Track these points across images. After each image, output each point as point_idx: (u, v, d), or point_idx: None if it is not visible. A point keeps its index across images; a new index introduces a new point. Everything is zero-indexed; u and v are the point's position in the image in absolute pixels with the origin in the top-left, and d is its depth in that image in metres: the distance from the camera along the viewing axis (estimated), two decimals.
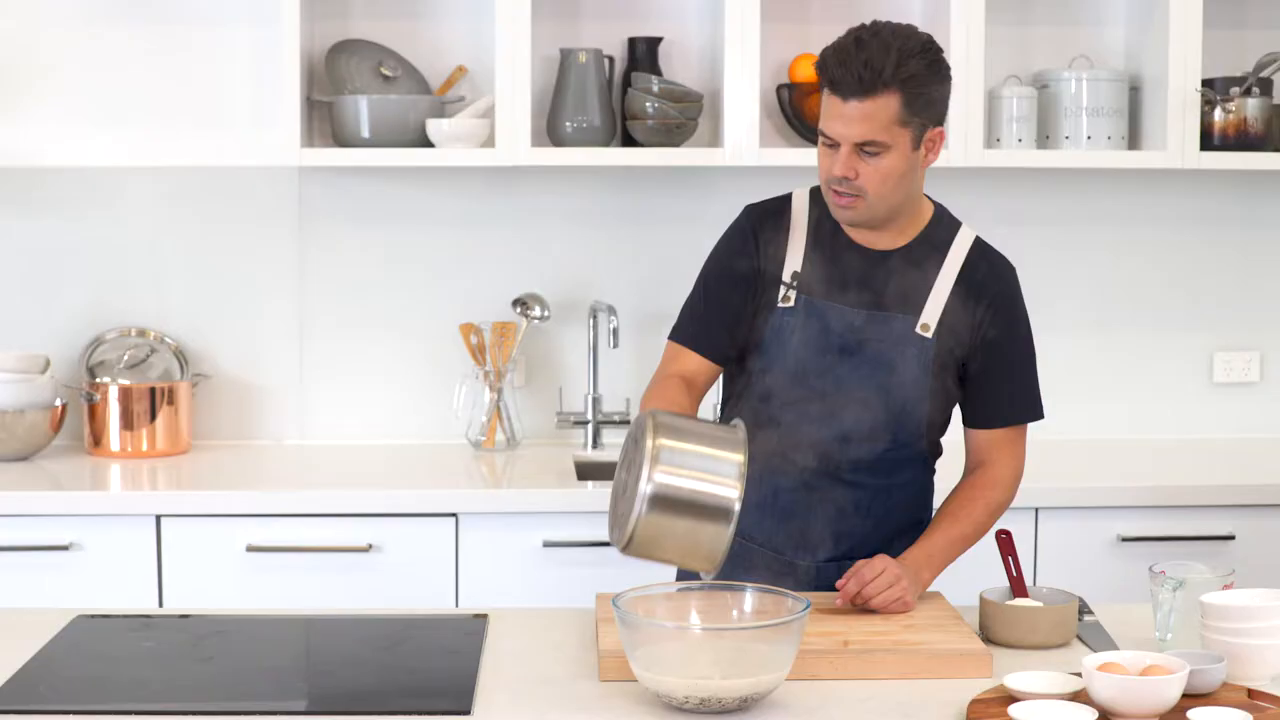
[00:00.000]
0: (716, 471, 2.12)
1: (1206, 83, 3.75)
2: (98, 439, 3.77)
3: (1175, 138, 3.72)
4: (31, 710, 2.10)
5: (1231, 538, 3.48)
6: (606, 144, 3.76)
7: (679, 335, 2.63)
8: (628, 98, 3.75)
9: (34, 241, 3.90)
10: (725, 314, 2.58)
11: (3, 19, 3.85)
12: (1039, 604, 2.41)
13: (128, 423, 3.76)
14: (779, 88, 3.85)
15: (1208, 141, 3.77)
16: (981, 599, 2.42)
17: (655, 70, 3.81)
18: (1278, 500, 3.50)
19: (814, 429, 2.55)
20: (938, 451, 2.68)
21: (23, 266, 3.91)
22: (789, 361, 2.55)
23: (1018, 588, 2.46)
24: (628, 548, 2.14)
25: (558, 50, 3.79)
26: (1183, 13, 3.70)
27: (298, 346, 3.96)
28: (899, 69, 2.39)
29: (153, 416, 3.76)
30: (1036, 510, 3.46)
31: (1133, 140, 3.86)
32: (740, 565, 2.49)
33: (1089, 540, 3.47)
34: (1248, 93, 3.77)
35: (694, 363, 2.59)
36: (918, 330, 2.54)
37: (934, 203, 2.64)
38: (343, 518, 3.41)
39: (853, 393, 2.53)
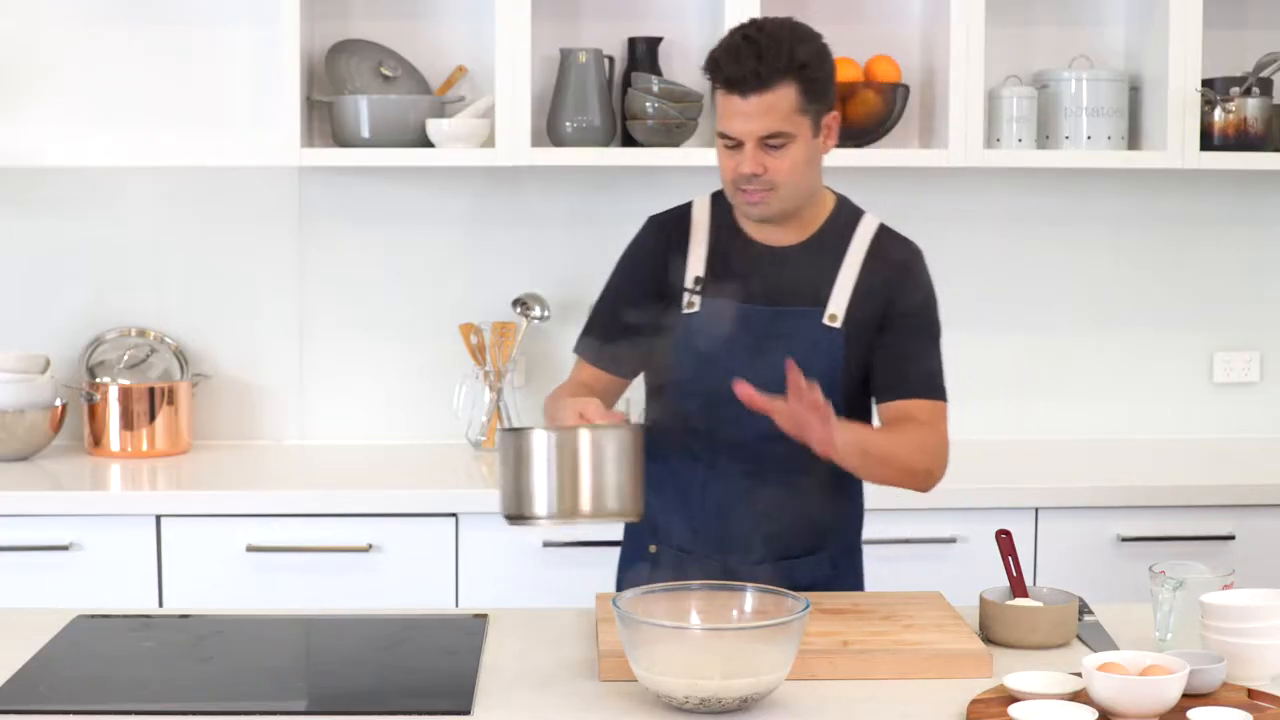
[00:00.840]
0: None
1: (1206, 83, 3.75)
2: (98, 439, 3.77)
3: (1175, 138, 3.72)
4: (31, 710, 2.10)
5: (1231, 538, 3.48)
6: (606, 144, 3.76)
7: (579, 348, 2.68)
8: (628, 98, 3.75)
9: (34, 241, 3.90)
10: (622, 329, 2.61)
11: (3, 19, 3.85)
12: (1039, 604, 2.41)
13: (128, 423, 3.76)
14: None
15: (1208, 141, 3.77)
16: (981, 599, 2.42)
17: (655, 70, 3.81)
18: (1278, 500, 3.50)
19: (734, 431, 2.55)
20: None
21: (23, 266, 3.91)
22: (700, 366, 2.55)
23: (1018, 588, 2.46)
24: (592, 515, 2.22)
25: (558, 50, 3.79)
26: (1183, 13, 3.70)
27: (298, 346, 3.96)
28: (793, 58, 2.43)
29: (152, 416, 3.76)
30: (1036, 510, 3.46)
31: (1133, 140, 3.86)
32: (679, 576, 2.46)
33: (1089, 540, 3.47)
34: (1248, 93, 3.77)
35: (589, 375, 2.65)
36: (825, 322, 2.54)
37: (836, 194, 2.64)
38: (343, 518, 3.41)
39: (768, 391, 2.53)
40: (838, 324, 2.54)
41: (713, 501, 2.59)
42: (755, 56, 2.42)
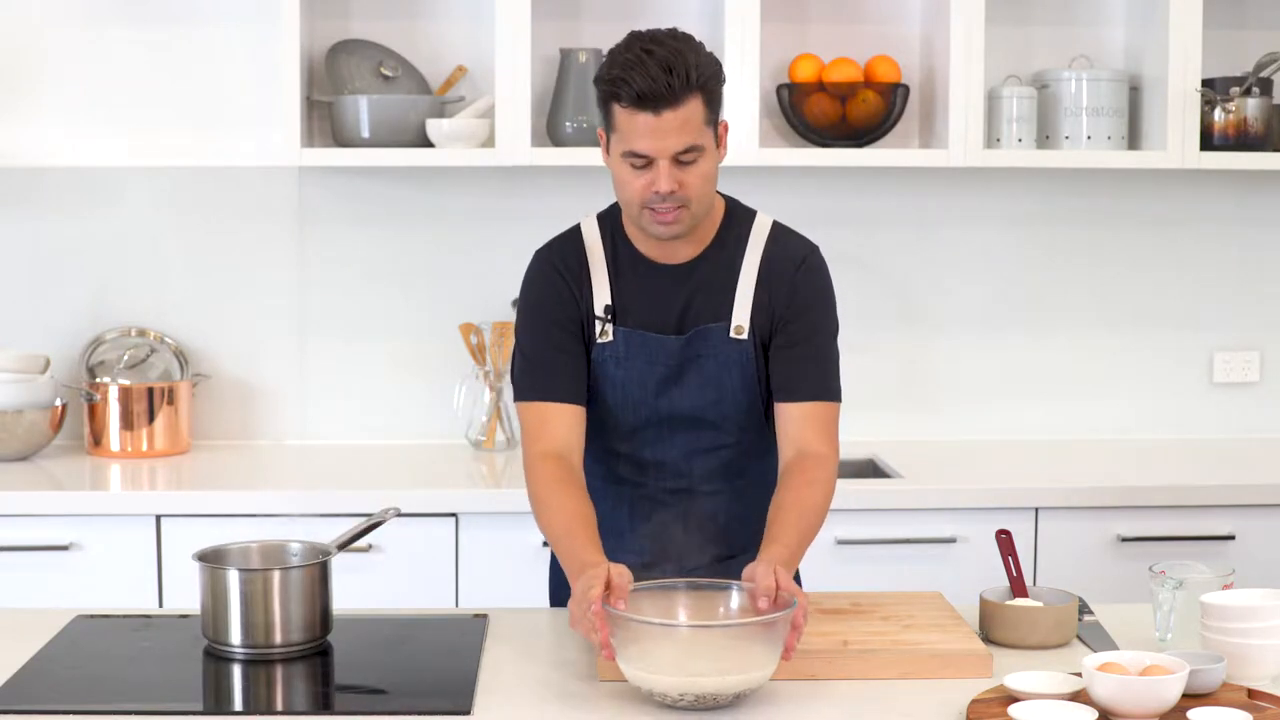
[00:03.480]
0: None
1: (1206, 83, 3.75)
2: (98, 439, 3.77)
3: (1175, 138, 3.72)
4: (31, 710, 2.10)
5: (1231, 538, 3.48)
6: None
7: (532, 394, 2.51)
8: None
9: (34, 241, 3.90)
10: (569, 358, 2.51)
11: (3, 19, 3.85)
12: (1039, 604, 2.41)
13: (128, 423, 3.76)
14: (779, 88, 3.86)
15: (1208, 141, 3.77)
16: (981, 599, 2.42)
17: None
18: (1278, 500, 3.50)
19: (657, 452, 2.55)
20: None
21: (23, 266, 3.91)
22: (620, 394, 2.53)
23: (1018, 588, 2.46)
24: None
25: (558, 50, 3.79)
26: (1183, 13, 3.70)
27: (298, 346, 3.96)
28: (698, 71, 2.35)
29: (152, 416, 3.76)
30: (1036, 510, 3.46)
31: (1133, 140, 3.86)
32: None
33: (1089, 540, 3.47)
34: (1248, 93, 3.77)
35: (561, 416, 2.48)
36: (732, 335, 2.50)
37: (725, 197, 2.57)
38: (343, 518, 3.40)
39: (688, 412, 2.52)
40: (744, 335, 2.50)
41: (641, 520, 2.58)
42: (665, 70, 2.32)
